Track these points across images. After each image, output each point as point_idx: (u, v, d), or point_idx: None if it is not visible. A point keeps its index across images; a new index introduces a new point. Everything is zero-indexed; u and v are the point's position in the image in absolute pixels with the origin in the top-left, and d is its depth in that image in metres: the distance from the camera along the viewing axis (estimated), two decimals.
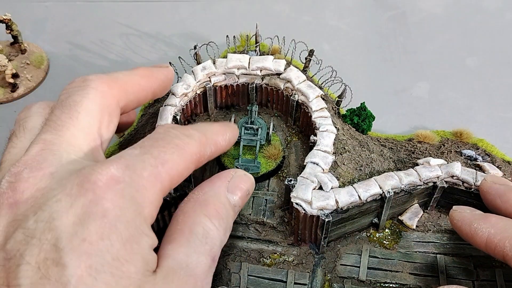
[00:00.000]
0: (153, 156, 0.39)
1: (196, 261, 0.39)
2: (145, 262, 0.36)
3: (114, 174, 0.36)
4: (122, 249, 0.34)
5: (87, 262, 0.32)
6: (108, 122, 0.45)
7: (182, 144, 0.42)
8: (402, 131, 0.84)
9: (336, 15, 1.05)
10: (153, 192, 0.38)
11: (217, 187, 0.46)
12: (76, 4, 1.06)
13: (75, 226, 0.33)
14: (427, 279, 0.61)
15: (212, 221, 0.42)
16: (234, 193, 0.46)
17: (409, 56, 0.97)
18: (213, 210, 0.43)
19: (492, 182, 0.58)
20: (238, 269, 0.61)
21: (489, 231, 0.51)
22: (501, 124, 0.86)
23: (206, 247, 0.40)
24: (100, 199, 0.35)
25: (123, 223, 0.35)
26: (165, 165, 0.39)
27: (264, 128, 0.70)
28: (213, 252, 0.41)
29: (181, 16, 1.04)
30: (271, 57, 0.74)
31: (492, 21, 1.03)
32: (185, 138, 0.43)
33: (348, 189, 0.60)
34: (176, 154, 0.41)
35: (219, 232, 0.42)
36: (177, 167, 0.41)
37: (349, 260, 0.63)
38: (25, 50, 0.93)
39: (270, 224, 0.64)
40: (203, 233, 0.41)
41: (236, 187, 0.47)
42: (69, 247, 0.32)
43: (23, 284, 0.31)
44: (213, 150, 0.47)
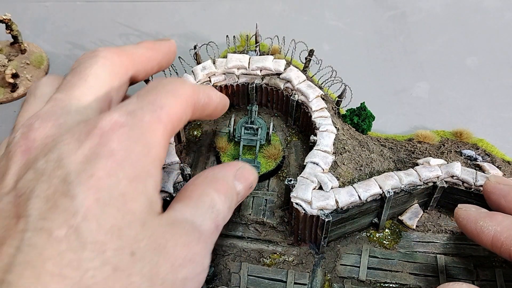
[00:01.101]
0: (150, 102, 0.41)
1: (202, 222, 0.41)
2: (150, 202, 0.37)
3: (118, 120, 0.38)
4: (128, 187, 0.36)
5: (95, 195, 0.34)
6: (117, 88, 0.48)
7: (175, 89, 0.44)
8: (402, 131, 0.84)
9: (336, 15, 1.05)
10: (157, 134, 0.40)
11: (226, 171, 0.49)
12: (76, 4, 1.06)
13: (83, 164, 0.35)
14: (427, 279, 0.61)
15: (219, 196, 0.44)
16: (240, 182, 0.49)
17: (409, 56, 0.97)
18: (221, 187, 0.45)
19: (496, 182, 0.57)
20: (238, 269, 0.61)
21: (495, 229, 0.51)
22: (501, 124, 0.85)
23: (212, 215, 0.42)
24: (106, 141, 0.36)
25: (129, 163, 0.36)
26: (164, 109, 0.41)
27: (264, 128, 0.70)
28: (217, 221, 0.43)
29: (181, 16, 1.04)
30: (271, 57, 0.74)
31: (492, 21, 1.03)
32: (178, 83, 0.45)
33: (348, 189, 0.60)
34: (171, 98, 0.42)
35: (223, 207, 0.44)
36: (175, 110, 0.42)
37: (349, 260, 0.63)
38: (25, 50, 0.93)
39: (270, 224, 0.64)
40: (210, 203, 0.43)
41: (243, 177, 0.49)
42: (77, 180, 0.34)
43: (32, 214, 0.33)
44: (207, 100, 0.49)
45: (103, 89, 0.46)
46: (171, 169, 0.60)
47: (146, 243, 0.35)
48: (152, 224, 0.37)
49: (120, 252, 0.33)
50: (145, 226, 0.36)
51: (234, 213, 0.65)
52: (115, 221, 0.34)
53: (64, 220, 0.33)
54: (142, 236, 0.35)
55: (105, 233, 0.33)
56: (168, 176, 0.59)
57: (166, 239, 0.37)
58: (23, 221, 0.33)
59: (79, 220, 0.33)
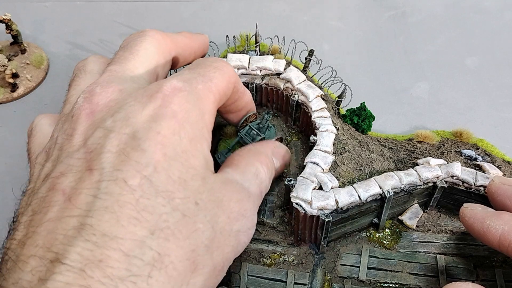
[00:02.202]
0: (201, 74, 0.45)
1: (249, 186, 0.46)
2: (206, 161, 0.41)
3: (177, 85, 0.42)
4: (188, 145, 0.39)
5: (162, 150, 0.37)
6: (163, 65, 0.52)
7: (220, 66, 0.48)
8: (402, 131, 0.84)
9: (336, 15, 1.05)
10: (209, 101, 0.44)
11: (267, 147, 0.54)
12: (76, 4, 1.06)
13: (149, 123, 0.38)
14: (427, 279, 0.61)
15: (262, 167, 0.50)
16: (277, 158, 0.54)
17: (409, 56, 0.97)
18: (264, 160, 0.51)
19: (501, 183, 0.57)
20: (238, 269, 0.61)
21: (503, 228, 0.50)
22: (501, 124, 0.85)
23: (257, 181, 0.47)
24: (168, 103, 0.40)
25: (189, 124, 0.40)
26: (213, 81, 0.45)
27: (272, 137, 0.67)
28: (261, 188, 0.48)
29: (181, 16, 1.04)
30: (271, 57, 0.74)
31: (492, 21, 1.03)
32: (223, 62, 0.49)
33: (348, 189, 0.60)
34: (218, 73, 0.47)
35: (266, 177, 0.50)
36: (222, 84, 0.47)
37: (349, 260, 0.63)
38: (25, 50, 0.93)
39: (270, 224, 0.64)
40: (255, 172, 0.48)
41: (279, 154, 0.55)
42: (146, 137, 0.37)
43: (105, 167, 0.36)
44: (242, 90, 0.54)
45: (152, 63, 0.50)
46: None
47: (206, 195, 0.39)
48: (210, 180, 0.40)
49: (187, 201, 0.37)
50: (204, 180, 0.39)
51: None
52: (180, 173, 0.37)
53: (137, 170, 0.36)
54: (203, 189, 0.39)
55: (173, 183, 0.37)
56: None
57: (222, 193, 0.41)
58: (97, 172, 0.36)
59: (151, 171, 0.36)
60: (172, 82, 0.42)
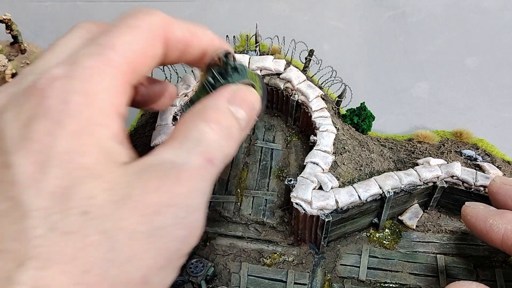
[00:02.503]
0: (99, 44, 0.37)
1: (184, 159, 0.36)
2: (106, 153, 0.34)
3: (55, 73, 0.35)
4: (72, 142, 0.33)
5: (34, 159, 0.31)
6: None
7: (136, 22, 0.39)
8: (402, 131, 0.84)
9: (336, 15, 1.05)
10: (103, 78, 0.36)
11: (216, 98, 0.42)
12: (76, 4, 1.06)
13: (20, 129, 0.33)
14: (427, 279, 0.61)
15: (209, 125, 0.39)
16: (237, 104, 0.42)
17: (409, 56, 0.97)
18: (211, 116, 0.40)
19: (502, 183, 0.56)
20: (238, 269, 0.61)
21: (506, 227, 0.50)
22: (501, 124, 0.85)
23: (199, 148, 0.37)
24: (43, 99, 0.33)
25: (69, 116, 0.33)
26: (115, 49, 0.37)
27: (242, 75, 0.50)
28: (208, 154, 0.37)
29: (181, 16, 1.04)
30: (271, 57, 0.74)
31: (492, 21, 1.03)
32: (141, 14, 0.40)
33: (348, 189, 0.60)
34: (129, 34, 0.38)
35: (217, 136, 0.39)
36: (133, 46, 0.38)
37: (349, 260, 0.63)
38: (25, 50, 0.93)
39: (270, 224, 0.64)
40: (198, 136, 0.38)
41: (238, 98, 0.43)
42: (14, 148, 0.32)
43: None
44: (188, 36, 0.43)
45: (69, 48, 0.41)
46: None
47: (103, 198, 0.32)
48: (111, 176, 0.33)
49: (70, 213, 0.31)
50: (100, 180, 0.33)
51: (234, 213, 0.65)
52: (60, 181, 0.31)
53: (3, 192, 0.31)
54: (97, 191, 0.32)
55: (48, 197, 0.31)
56: None
57: (131, 188, 0.33)
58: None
59: (18, 189, 0.30)
60: (51, 71, 0.35)
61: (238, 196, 0.67)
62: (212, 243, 0.64)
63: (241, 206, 0.66)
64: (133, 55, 0.38)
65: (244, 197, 0.67)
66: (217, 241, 0.64)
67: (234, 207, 0.66)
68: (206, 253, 0.63)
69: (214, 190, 0.68)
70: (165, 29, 0.41)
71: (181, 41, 0.43)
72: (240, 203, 0.66)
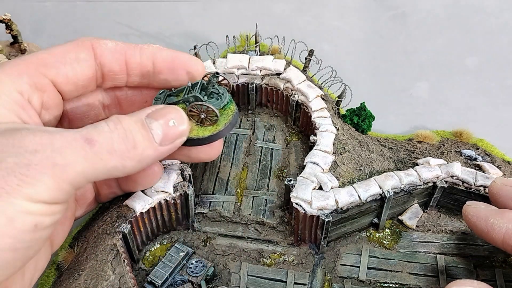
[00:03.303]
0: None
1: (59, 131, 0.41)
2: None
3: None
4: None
5: None
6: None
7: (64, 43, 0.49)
8: (402, 131, 0.84)
9: (336, 15, 1.05)
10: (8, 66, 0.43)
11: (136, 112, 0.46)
12: (76, 4, 1.06)
13: None
14: (427, 279, 0.61)
15: (107, 123, 0.43)
16: (153, 118, 0.46)
17: (409, 56, 0.97)
18: (114, 118, 0.44)
19: (503, 184, 0.56)
20: (238, 269, 0.61)
21: (507, 226, 0.50)
22: (501, 124, 0.85)
23: (83, 131, 0.41)
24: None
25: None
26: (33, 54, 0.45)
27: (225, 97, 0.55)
28: (89, 134, 0.41)
29: (181, 16, 1.04)
30: (271, 57, 0.74)
31: (492, 21, 1.03)
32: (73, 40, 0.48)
33: (348, 189, 0.60)
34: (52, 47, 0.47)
35: (110, 131, 0.42)
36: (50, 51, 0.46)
37: (349, 260, 0.63)
38: (25, 50, 0.93)
39: (270, 224, 0.64)
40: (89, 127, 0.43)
41: (157, 114, 0.46)
42: None
43: None
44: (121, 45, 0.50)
45: None
46: (171, 170, 0.60)
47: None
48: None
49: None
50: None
51: (234, 213, 0.65)
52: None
53: None
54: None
55: None
56: (168, 177, 0.59)
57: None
58: None
59: None
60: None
61: (238, 196, 0.67)
62: (212, 243, 0.64)
63: (241, 206, 0.66)
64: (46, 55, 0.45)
65: (244, 197, 0.67)
66: (217, 241, 0.64)
67: (234, 207, 0.66)
68: (206, 253, 0.63)
69: (214, 190, 0.68)
70: (91, 41, 0.49)
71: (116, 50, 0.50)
72: (240, 203, 0.66)
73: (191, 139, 0.51)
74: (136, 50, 0.51)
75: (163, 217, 0.62)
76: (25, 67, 0.44)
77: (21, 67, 0.44)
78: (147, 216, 0.59)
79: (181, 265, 0.60)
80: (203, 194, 0.67)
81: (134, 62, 0.50)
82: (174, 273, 0.60)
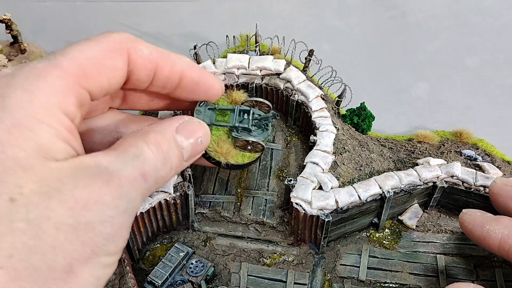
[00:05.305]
0: (58, 52, 0.39)
1: (119, 167, 0.38)
2: (42, 148, 0.35)
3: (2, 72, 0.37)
4: (6, 135, 0.34)
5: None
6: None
7: (96, 37, 0.41)
8: (402, 131, 0.84)
9: (336, 15, 1.05)
10: (50, 78, 0.37)
11: (165, 125, 0.44)
12: (76, 4, 1.06)
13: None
14: (427, 279, 0.61)
15: (149, 146, 0.41)
16: (184, 135, 0.45)
17: (409, 56, 0.97)
18: (153, 139, 0.42)
19: (503, 184, 0.57)
20: (238, 269, 0.61)
21: (503, 232, 0.50)
22: (501, 124, 0.85)
23: (136, 163, 0.39)
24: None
25: (6, 110, 0.35)
26: (66, 55, 0.39)
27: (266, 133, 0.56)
28: (143, 169, 0.39)
29: (181, 16, 1.04)
30: (271, 57, 0.74)
31: (492, 21, 1.03)
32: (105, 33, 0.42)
33: (348, 189, 0.60)
34: (86, 44, 0.40)
35: (155, 158, 0.41)
36: (85, 54, 0.40)
37: (349, 260, 0.63)
38: (25, 50, 0.93)
39: (270, 224, 0.64)
40: (136, 153, 0.40)
41: (187, 130, 0.45)
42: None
43: None
44: (156, 55, 0.45)
45: None
46: None
47: (31, 188, 0.34)
48: (41, 170, 0.35)
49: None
50: (30, 171, 0.34)
51: (234, 213, 0.65)
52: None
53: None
54: (25, 182, 0.34)
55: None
56: None
57: (62, 182, 0.35)
58: None
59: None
60: (2, 70, 0.38)
61: (238, 196, 0.67)
62: (212, 243, 0.64)
63: (241, 206, 0.66)
64: (85, 61, 0.39)
65: (244, 197, 0.67)
66: (217, 241, 0.64)
67: (234, 207, 0.66)
68: (206, 253, 0.63)
69: (214, 190, 0.68)
70: (128, 44, 0.42)
71: (148, 60, 0.44)
72: (240, 203, 0.66)
73: (229, 163, 0.52)
74: (168, 62, 0.47)
75: (163, 217, 0.62)
76: (69, 82, 0.39)
77: (65, 82, 0.39)
78: (147, 216, 0.59)
79: (181, 265, 0.61)
80: (203, 194, 0.67)
81: (162, 75, 0.47)
82: (174, 273, 0.60)
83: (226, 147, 0.52)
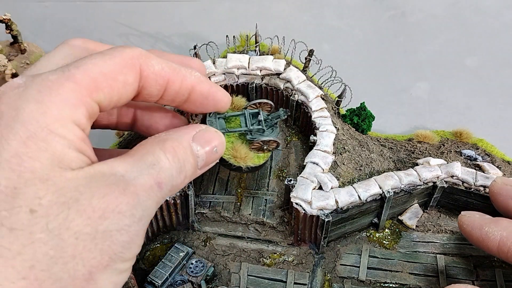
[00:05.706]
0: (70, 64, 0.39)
1: (136, 176, 0.38)
2: (57, 158, 0.36)
3: (14, 82, 0.37)
4: (22, 147, 0.35)
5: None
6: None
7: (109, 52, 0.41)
8: (402, 131, 0.84)
9: (336, 15, 1.05)
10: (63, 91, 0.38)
11: (182, 133, 0.45)
12: (76, 4, 1.06)
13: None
14: (427, 279, 0.61)
15: (166, 155, 0.41)
16: (200, 144, 0.45)
17: (409, 56, 0.97)
18: (170, 147, 0.42)
19: (503, 184, 0.57)
20: (238, 269, 0.61)
21: (501, 234, 0.50)
22: (501, 124, 0.86)
23: (152, 171, 0.40)
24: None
25: (20, 122, 0.35)
26: (80, 68, 0.39)
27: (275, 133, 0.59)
28: (159, 178, 0.40)
29: (181, 16, 1.04)
30: (271, 57, 0.74)
31: (492, 21, 1.03)
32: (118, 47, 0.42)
33: (348, 189, 0.60)
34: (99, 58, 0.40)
35: (171, 166, 0.41)
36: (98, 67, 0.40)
37: (349, 260, 0.63)
38: (25, 50, 0.93)
39: (270, 224, 0.64)
40: (152, 161, 0.40)
41: (203, 139, 0.46)
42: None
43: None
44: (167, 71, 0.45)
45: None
46: None
47: (50, 199, 0.35)
48: (58, 180, 0.36)
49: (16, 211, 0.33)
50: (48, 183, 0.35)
51: (234, 213, 0.65)
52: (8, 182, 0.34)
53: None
54: (44, 192, 0.35)
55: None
56: None
57: (79, 192, 0.36)
58: None
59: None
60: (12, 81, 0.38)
61: (238, 196, 0.67)
62: (212, 243, 0.64)
63: (241, 206, 0.66)
64: (98, 75, 0.40)
65: (244, 197, 0.67)
66: (217, 241, 0.64)
67: (234, 207, 0.66)
68: (206, 253, 0.63)
69: (214, 190, 0.68)
70: (140, 60, 0.43)
71: (160, 75, 0.45)
72: (240, 203, 0.66)
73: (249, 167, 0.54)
74: (179, 77, 0.47)
75: (163, 217, 0.62)
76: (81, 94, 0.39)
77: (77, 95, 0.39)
78: None
79: (181, 265, 0.61)
80: (203, 194, 0.67)
81: (172, 90, 0.47)
82: (174, 273, 0.60)
83: (244, 151, 0.54)
